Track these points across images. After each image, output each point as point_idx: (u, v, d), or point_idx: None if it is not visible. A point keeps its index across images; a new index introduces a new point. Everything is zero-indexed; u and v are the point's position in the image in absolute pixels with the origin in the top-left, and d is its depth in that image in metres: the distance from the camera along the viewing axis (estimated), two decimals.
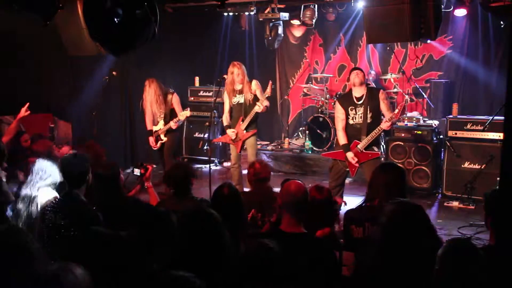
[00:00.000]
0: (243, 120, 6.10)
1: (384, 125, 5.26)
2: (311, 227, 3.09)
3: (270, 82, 6.08)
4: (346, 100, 5.57)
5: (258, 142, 7.59)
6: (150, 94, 6.53)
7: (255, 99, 6.07)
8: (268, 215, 3.67)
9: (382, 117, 5.60)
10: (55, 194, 3.41)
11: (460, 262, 2.11)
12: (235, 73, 6.06)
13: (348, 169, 5.52)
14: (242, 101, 6.12)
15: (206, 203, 3.80)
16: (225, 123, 6.35)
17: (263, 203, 3.69)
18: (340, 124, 5.56)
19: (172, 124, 6.50)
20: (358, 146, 5.40)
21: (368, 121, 5.39)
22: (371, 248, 2.44)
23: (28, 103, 5.32)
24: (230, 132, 6.16)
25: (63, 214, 3.10)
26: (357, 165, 5.41)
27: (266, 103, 6.01)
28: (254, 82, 6.19)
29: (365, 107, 5.39)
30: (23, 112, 5.31)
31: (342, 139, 5.53)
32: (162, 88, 6.59)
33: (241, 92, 6.12)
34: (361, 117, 5.43)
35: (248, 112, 6.07)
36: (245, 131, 6.14)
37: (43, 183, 3.41)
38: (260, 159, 6.22)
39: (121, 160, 7.81)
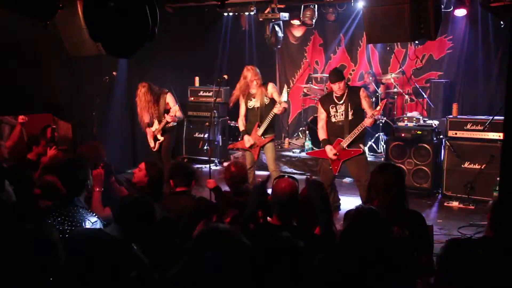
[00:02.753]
0: (259, 126, 5.98)
1: (367, 121, 5.34)
2: (308, 224, 3.13)
3: (286, 86, 6.05)
4: (327, 100, 5.67)
5: None
6: (141, 100, 6.47)
7: (272, 102, 5.92)
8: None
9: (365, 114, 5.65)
10: None
11: (460, 262, 2.11)
12: (248, 78, 5.91)
13: (331, 166, 5.59)
14: (258, 105, 5.98)
15: (204, 201, 3.85)
16: (241, 128, 6.21)
17: (243, 203, 3.73)
18: (320, 123, 5.71)
19: (168, 118, 6.44)
20: (341, 143, 5.51)
21: (350, 118, 5.47)
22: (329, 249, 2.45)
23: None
24: (247, 141, 6.03)
25: (61, 220, 3.06)
26: (334, 157, 5.49)
27: (284, 104, 5.85)
28: (270, 85, 6.05)
29: (346, 105, 5.47)
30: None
31: (321, 134, 5.68)
32: (154, 91, 6.51)
33: (255, 96, 5.98)
34: (342, 114, 5.51)
35: (264, 117, 5.94)
36: (262, 137, 6.01)
37: None
38: (235, 161, 6.24)
39: (122, 160, 7.81)
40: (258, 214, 3.68)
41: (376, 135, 7.91)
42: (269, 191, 3.31)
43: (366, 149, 5.62)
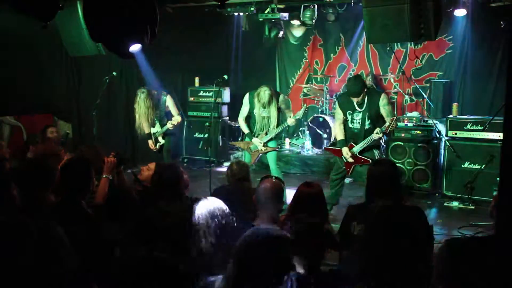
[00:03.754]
0: (266, 133, 5.99)
1: (375, 136, 5.33)
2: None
3: (306, 105, 6.19)
4: (346, 103, 5.55)
5: None
6: (141, 106, 6.42)
7: (281, 113, 5.96)
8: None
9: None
10: None
11: (457, 262, 2.11)
12: (263, 100, 5.81)
13: (344, 167, 5.61)
14: (269, 115, 5.97)
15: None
16: (245, 130, 6.16)
17: (241, 202, 3.73)
18: (337, 122, 5.68)
19: (169, 125, 6.47)
20: (353, 149, 5.50)
21: (366, 127, 5.43)
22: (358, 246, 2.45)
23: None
24: (258, 142, 6.00)
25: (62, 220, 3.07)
26: (351, 160, 5.48)
27: (298, 116, 5.94)
28: (281, 97, 6.04)
29: (364, 113, 5.41)
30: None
31: (338, 135, 5.65)
32: (153, 96, 6.49)
33: (268, 107, 5.94)
34: (359, 122, 5.47)
35: (267, 124, 5.97)
36: (267, 145, 6.02)
37: None
38: (238, 160, 6.23)
39: None
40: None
41: None
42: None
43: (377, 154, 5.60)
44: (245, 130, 6.17)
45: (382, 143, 7.92)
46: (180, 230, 2.76)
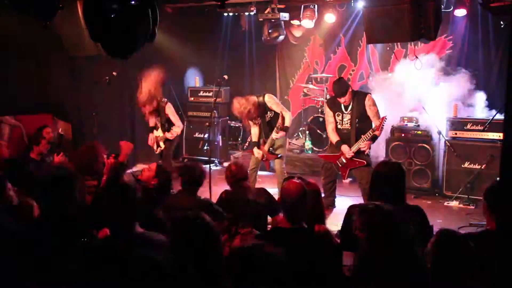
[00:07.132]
0: (264, 142, 6.03)
1: (370, 135, 5.39)
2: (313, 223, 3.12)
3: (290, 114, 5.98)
4: (334, 104, 5.67)
5: None
6: (147, 82, 6.44)
7: (276, 114, 5.90)
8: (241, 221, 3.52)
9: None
10: None
11: (450, 253, 2.13)
12: (243, 109, 5.86)
13: (339, 172, 5.65)
14: (260, 123, 6.05)
15: (208, 203, 3.90)
16: (253, 139, 6.22)
17: (240, 207, 3.73)
18: (330, 126, 5.73)
19: (168, 136, 6.53)
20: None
21: (356, 126, 5.52)
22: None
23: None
24: (256, 153, 6.06)
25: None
26: (351, 155, 5.49)
27: (288, 121, 5.79)
28: (266, 97, 5.96)
29: (352, 114, 5.51)
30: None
31: (334, 137, 5.68)
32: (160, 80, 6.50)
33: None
34: (347, 123, 5.57)
35: (268, 133, 5.98)
36: (269, 152, 6.02)
37: None
38: (236, 160, 6.27)
39: None
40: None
41: None
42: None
43: (370, 153, 5.65)
44: (253, 138, 6.22)
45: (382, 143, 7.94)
46: None
